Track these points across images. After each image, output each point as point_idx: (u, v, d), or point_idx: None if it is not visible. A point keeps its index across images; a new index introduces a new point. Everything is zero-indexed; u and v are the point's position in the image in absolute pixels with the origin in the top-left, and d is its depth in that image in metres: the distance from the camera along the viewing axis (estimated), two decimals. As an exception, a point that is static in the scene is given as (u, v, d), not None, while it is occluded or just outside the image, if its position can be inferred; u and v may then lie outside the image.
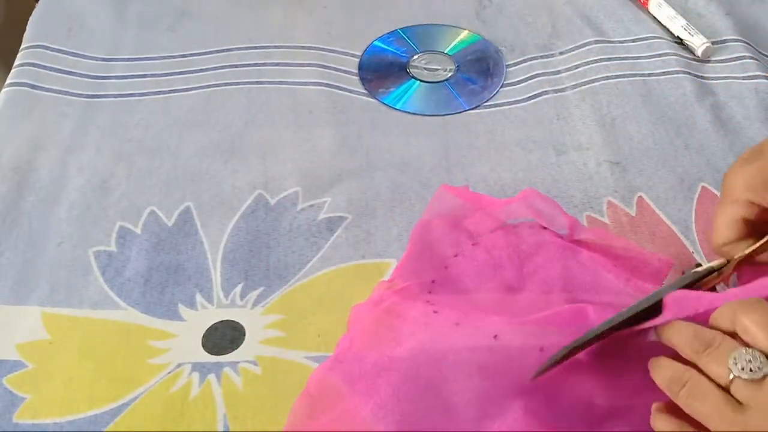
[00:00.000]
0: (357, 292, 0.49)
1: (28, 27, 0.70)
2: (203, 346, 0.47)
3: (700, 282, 0.45)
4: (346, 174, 0.57)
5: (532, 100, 0.63)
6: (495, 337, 0.42)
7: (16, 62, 0.66)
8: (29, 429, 0.43)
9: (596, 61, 0.66)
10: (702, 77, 0.65)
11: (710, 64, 0.66)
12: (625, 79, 0.64)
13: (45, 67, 0.65)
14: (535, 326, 0.43)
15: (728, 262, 0.45)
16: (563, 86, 0.64)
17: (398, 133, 0.61)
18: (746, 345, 0.35)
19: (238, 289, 0.50)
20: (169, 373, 0.46)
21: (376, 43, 0.69)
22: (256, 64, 0.66)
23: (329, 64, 0.66)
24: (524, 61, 0.67)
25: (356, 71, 0.66)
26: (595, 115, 0.61)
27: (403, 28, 0.70)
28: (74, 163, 0.58)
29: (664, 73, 0.65)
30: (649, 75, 0.65)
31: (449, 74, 0.66)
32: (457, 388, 0.41)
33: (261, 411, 0.44)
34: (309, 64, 0.66)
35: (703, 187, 0.56)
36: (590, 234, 0.49)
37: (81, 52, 0.67)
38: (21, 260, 0.51)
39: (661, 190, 0.56)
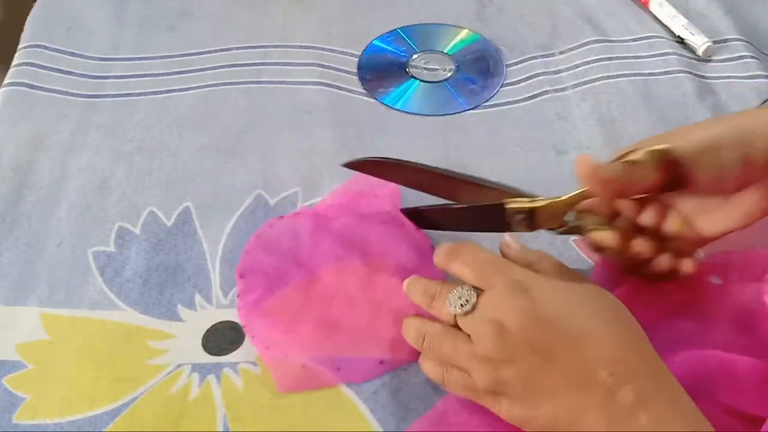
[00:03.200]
0: (357, 292, 0.48)
1: (26, 26, 0.69)
2: (203, 347, 0.47)
3: (510, 198, 0.46)
4: (345, 174, 0.57)
5: (532, 100, 0.63)
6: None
7: (15, 62, 0.66)
8: (29, 429, 0.43)
9: (596, 60, 0.66)
10: (703, 77, 0.65)
11: (711, 64, 0.66)
12: (626, 78, 0.64)
13: (44, 67, 0.65)
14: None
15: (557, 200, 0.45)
16: (563, 86, 0.64)
17: (398, 133, 0.61)
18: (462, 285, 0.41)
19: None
20: (169, 373, 0.45)
21: (376, 42, 0.69)
22: (255, 64, 0.66)
23: (328, 64, 0.66)
24: (524, 60, 0.67)
25: (356, 71, 0.66)
26: (596, 114, 0.61)
27: (403, 27, 0.70)
28: (73, 164, 0.58)
29: (664, 73, 0.65)
30: (650, 74, 0.65)
31: (449, 74, 0.66)
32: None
33: (261, 411, 0.44)
34: (308, 64, 0.66)
35: (703, 186, 0.56)
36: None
37: (80, 52, 0.67)
38: (20, 260, 0.51)
39: (662, 189, 0.56)
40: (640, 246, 0.44)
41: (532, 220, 0.46)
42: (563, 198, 0.44)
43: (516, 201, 0.46)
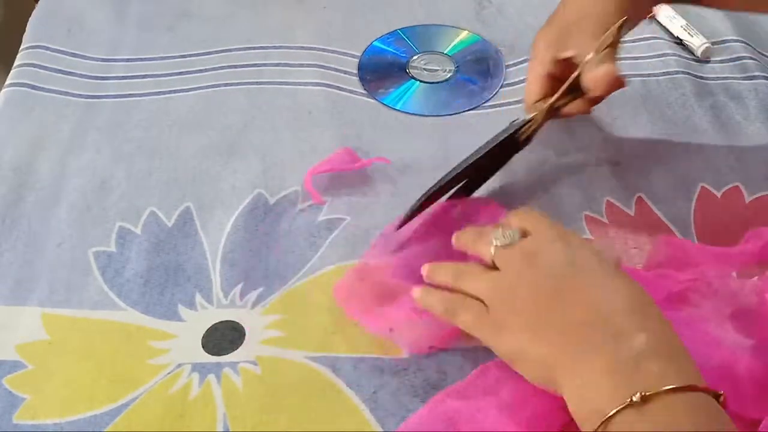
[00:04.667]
0: (357, 292, 0.48)
1: (27, 27, 0.70)
2: (203, 347, 0.47)
3: (520, 131, 0.54)
4: (345, 174, 0.57)
5: (532, 101, 0.63)
6: None
7: (16, 63, 0.66)
8: (29, 429, 0.43)
9: (596, 61, 0.66)
10: (702, 77, 0.65)
11: (710, 65, 0.66)
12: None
13: (45, 68, 0.65)
14: None
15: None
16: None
17: (398, 133, 0.61)
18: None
19: (238, 289, 0.50)
20: (169, 373, 0.45)
21: (376, 43, 0.69)
22: (255, 65, 0.66)
23: (329, 65, 0.66)
24: (524, 61, 0.67)
25: (356, 72, 0.66)
26: (595, 114, 0.61)
27: (403, 28, 0.70)
28: (74, 164, 0.58)
29: (663, 74, 0.65)
30: (649, 75, 0.65)
31: (449, 75, 0.66)
32: None
33: (261, 411, 0.44)
34: (309, 65, 0.66)
35: (702, 187, 0.56)
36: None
37: (81, 53, 0.67)
38: (21, 261, 0.51)
39: (661, 190, 0.56)
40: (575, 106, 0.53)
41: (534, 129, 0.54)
42: (551, 101, 0.53)
43: (524, 127, 0.53)
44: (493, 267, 0.44)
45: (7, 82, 0.64)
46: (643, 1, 0.56)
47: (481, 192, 0.56)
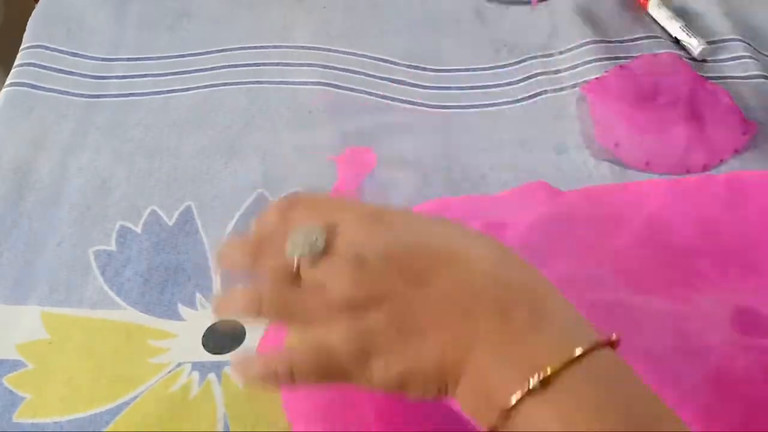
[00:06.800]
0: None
1: (27, 27, 0.70)
2: (203, 346, 0.47)
3: None
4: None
5: (532, 100, 0.63)
6: None
7: (16, 62, 0.66)
8: (29, 428, 0.43)
9: (596, 60, 0.66)
10: (702, 77, 0.65)
11: (709, 64, 0.66)
12: (625, 78, 0.64)
13: (45, 67, 0.65)
14: None
15: None
16: (563, 86, 0.64)
17: (398, 133, 0.61)
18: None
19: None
20: (169, 372, 0.45)
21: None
22: (255, 64, 0.66)
23: (329, 64, 0.66)
24: (524, 60, 0.67)
25: (356, 70, 0.66)
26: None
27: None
28: (74, 164, 0.58)
29: (663, 73, 0.65)
30: (649, 75, 0.65)
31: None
32: None
33: (261, 411, 0.44)
34: (308, 64, 0.66)
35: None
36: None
37: (81, 53, 0.67)
38: (21, 260, 0.51)
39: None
40: None
41: None
42: None
43: None
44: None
45: (7, 81, 0.64)
46: None
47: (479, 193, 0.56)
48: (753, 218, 0.51)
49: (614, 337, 0.30)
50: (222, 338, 0.47)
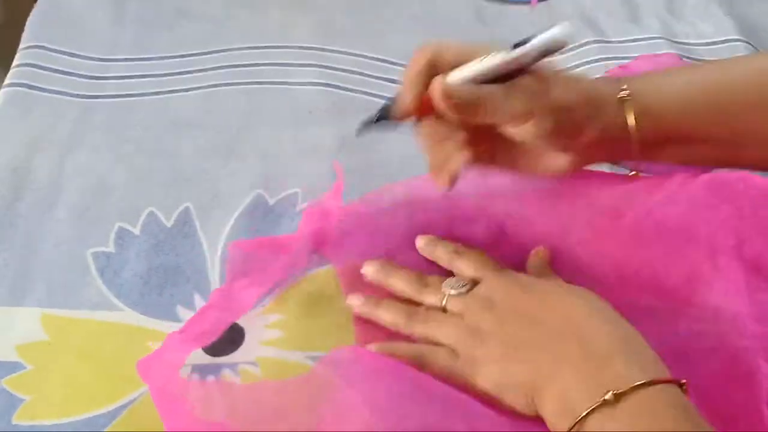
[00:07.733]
0: (357, 292, 0.48)
1: (26, 27, 0.69)
2: (202, 348, 0.47)
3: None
4: (345, 174, 0.57)
5: (532, 100, 0.63)
6: None
7: (15, 63, 0.66)
8: (28, 430, 0.43)
9: (596, 60, 0.66)
10: (702, 77, 0.65)
11: (710, 64, 0.66)
12: (625, 78, 0.64)
13: (43, 68, 0.65)
14: None
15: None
16: (563, 86, 0.64)
17: (397, 133, 0.61)
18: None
19: (238, 289, 0.50)
20: (169, 374, 0.45)
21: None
22: (255, 65, 0.66)
23: (328, 64, 0.66)
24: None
25: (356, 70, 0.66)
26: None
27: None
28: (72, 164, 0.58)
29: (663, 73, 0.65)
30: (649, 75, 0.65)
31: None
32: None
33: (260, 412, 0.44)
34: (308, 64, 0.66)
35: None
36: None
37: (79, 53, 0.67)
38: (19, 261, 0.51)
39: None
40: None
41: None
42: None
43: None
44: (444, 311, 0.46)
45: (6, 82, 0.64)
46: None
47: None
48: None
49: (683, 380, 0.37)
50: (221, 340, 0.47)
